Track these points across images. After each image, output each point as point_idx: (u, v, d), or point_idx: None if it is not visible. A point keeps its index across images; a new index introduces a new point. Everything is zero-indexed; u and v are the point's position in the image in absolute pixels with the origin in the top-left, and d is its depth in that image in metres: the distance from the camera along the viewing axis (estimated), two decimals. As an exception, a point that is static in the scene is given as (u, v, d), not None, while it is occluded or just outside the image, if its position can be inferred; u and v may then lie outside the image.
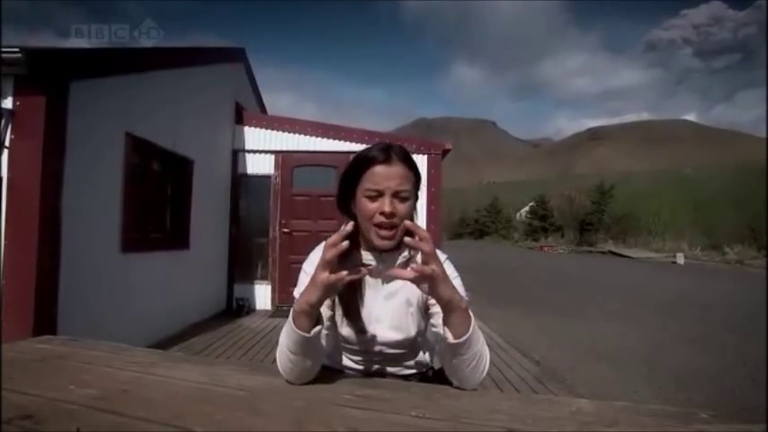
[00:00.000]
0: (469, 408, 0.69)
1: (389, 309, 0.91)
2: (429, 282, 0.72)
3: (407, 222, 0.78)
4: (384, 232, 0.84)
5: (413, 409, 0.67)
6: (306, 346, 0.75)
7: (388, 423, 0.63)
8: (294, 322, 0.75)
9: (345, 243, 0.72)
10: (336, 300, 0.90)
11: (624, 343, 4.20)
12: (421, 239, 0.72)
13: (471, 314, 0.77)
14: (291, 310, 0.78)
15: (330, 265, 0.72)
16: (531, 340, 4.14)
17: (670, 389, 2.96)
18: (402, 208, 0.84)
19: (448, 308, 0.75)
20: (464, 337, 0.74)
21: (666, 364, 3.56)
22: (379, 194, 0.84)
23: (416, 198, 0.90)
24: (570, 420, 0.64)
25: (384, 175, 0.84)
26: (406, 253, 0.91)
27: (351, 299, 0.90)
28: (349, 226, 0.76)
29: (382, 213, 0.83)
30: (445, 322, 0.77)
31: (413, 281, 0.73)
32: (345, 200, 0.92)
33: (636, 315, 5.68)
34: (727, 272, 13.18)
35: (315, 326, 0.76)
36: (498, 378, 2.85)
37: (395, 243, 0.87)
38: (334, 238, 0.73)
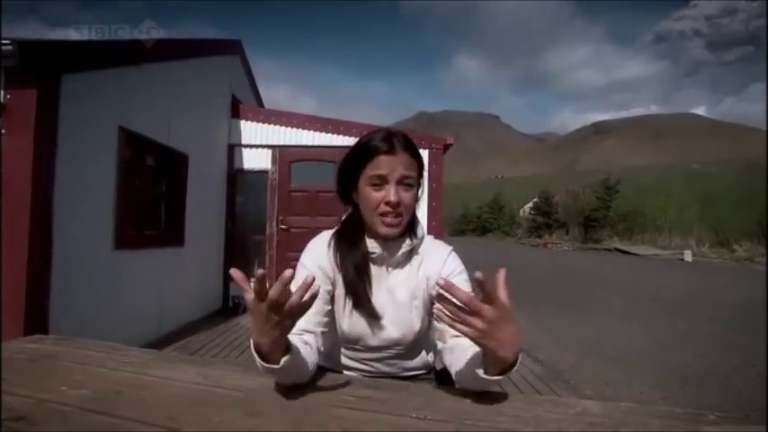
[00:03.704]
0: (472, 409, 0.68)
1: (392, 302, 0.88)
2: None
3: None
4: (389, 220, 0.82)
5: (414, 410, 0.66)
6: (283, 373, 0.66)
7: (388, 425, 0.62)
8: (259, 357, 0.65)
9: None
10: (337, 292, 0.88)
11: (630, 343, 4.19)
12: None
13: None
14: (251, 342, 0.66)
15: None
16: (534, 340, 4.11)
17: (677, 389, 2.94)
18: (407, 196, 0.83)
19: (499, 361, 0.65)
20: (498, 377, 0.67)
21: (673, 363, 3.54)
22: (384, 181, 0.82)
23: (420, 186, 0.88)
24: (575, 422, 0.63)
25: (388, 162, 0.82)
26: (408, 241, 0.89)
27: (356, 288, 0.86)
28: (288, 272, 0.59)
29: (387, 203, 0.81)
30: (486, 359, 0.67)
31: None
32: (346, 188, 0.89)
33: (642, 314, 5.68)
34: (735, 269, 13.10)
35: (285, 353, 0.65)
36: (502, 379, 2.84)
37: (400, 231, 0.85)
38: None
